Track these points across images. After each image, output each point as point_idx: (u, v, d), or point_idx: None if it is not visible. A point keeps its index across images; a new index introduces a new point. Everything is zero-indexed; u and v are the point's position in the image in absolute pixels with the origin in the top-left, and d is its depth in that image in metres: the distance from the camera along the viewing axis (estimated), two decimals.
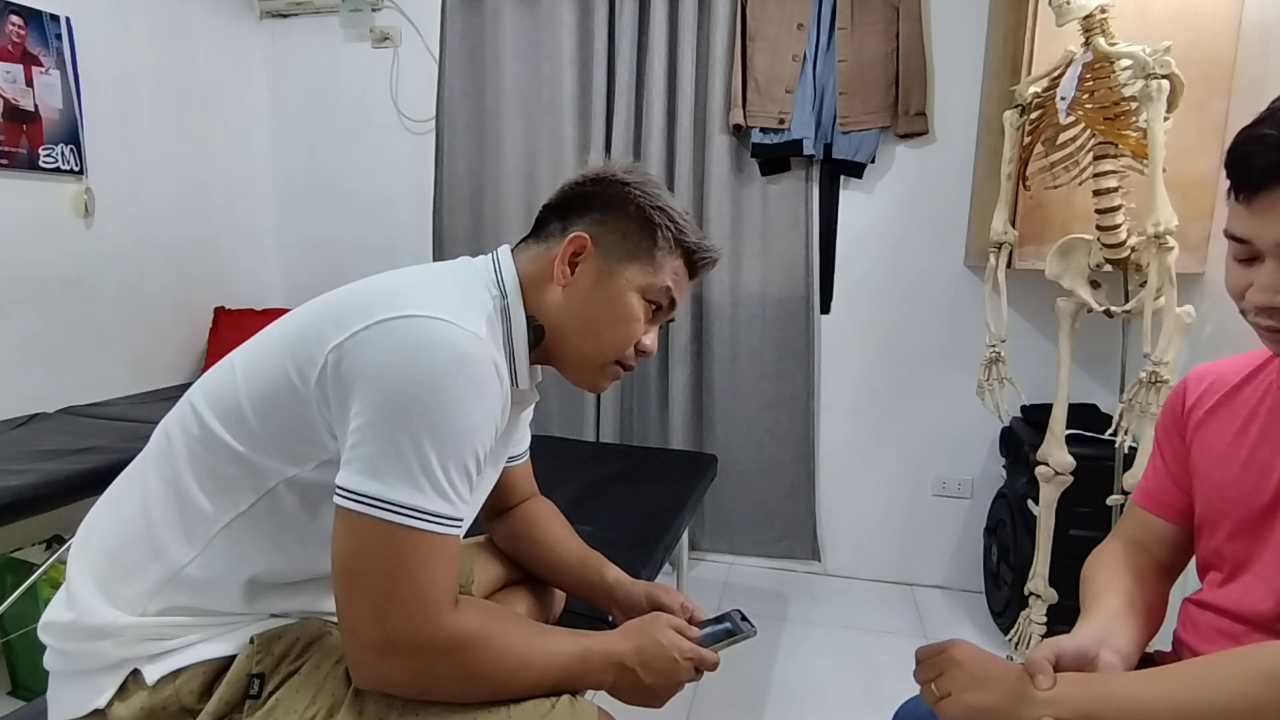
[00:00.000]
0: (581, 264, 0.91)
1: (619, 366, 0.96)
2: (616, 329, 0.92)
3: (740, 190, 2.55)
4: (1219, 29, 1.84)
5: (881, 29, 2.36)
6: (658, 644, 0.89)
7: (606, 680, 0.87)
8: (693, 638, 0.93)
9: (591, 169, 0.97)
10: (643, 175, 0.95)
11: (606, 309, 0.92)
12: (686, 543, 2.50)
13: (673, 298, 0.95)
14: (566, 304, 0.91)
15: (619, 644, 0.88)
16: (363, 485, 0.73)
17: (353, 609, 0.75)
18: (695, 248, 0.95)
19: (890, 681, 2.03)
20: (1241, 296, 0.76)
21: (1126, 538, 0.99)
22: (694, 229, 0.95)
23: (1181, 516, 0.94)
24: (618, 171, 0.95)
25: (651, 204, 0.92)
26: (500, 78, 2.63)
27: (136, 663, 0.81)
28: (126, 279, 2.47)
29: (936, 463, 2.58)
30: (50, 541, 1.90)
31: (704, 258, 0.96)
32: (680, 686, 0.91)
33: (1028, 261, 2.00)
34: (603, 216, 0.92)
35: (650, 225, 0.92)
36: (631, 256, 0.92)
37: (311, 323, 0.81)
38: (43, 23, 2.18)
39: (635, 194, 0.92)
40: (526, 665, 0.81)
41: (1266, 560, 0.80)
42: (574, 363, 0.95)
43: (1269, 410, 0.84)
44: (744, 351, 2.60)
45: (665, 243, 0.92)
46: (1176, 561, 0.96)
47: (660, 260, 0.93)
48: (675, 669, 0.89)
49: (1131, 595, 0.90)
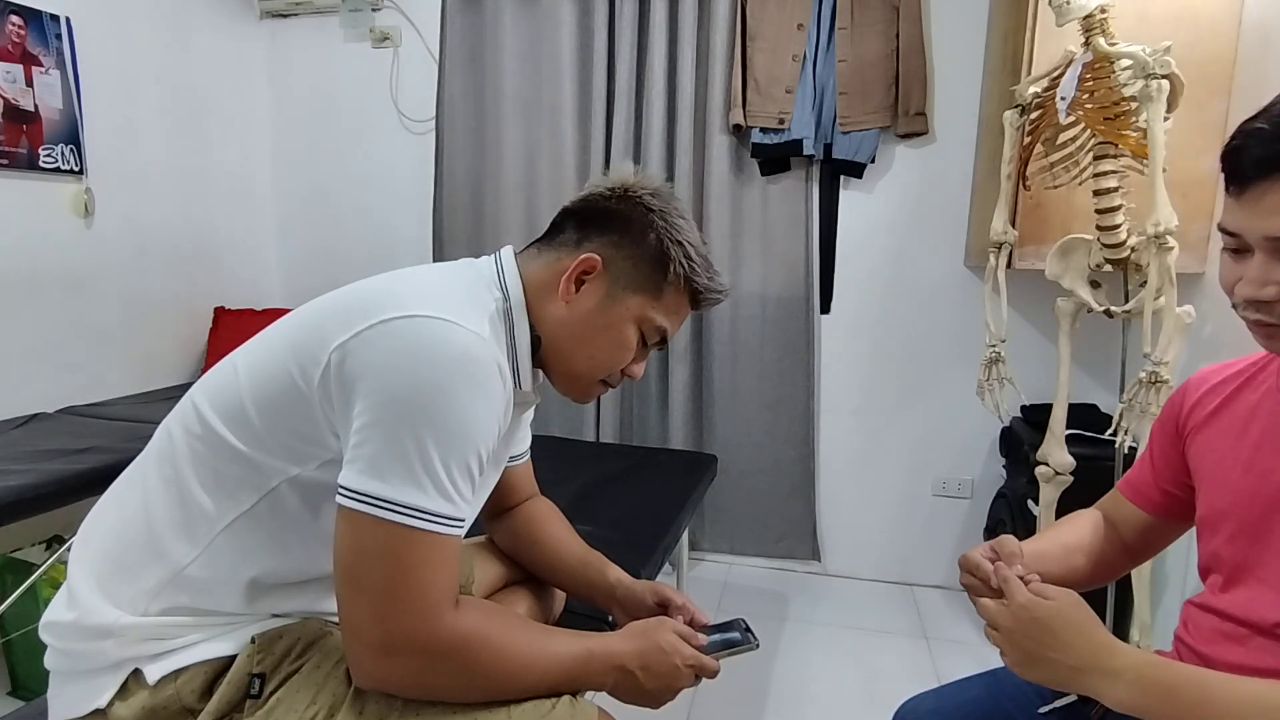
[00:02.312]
0: (589, 283, 0.90)
1: (605, 384, 0.97)
2: (609, 354, 0.93)
3: (740, 190, 2.55)
4: (1219, 29, 1.84)
5: (881, 29, 2.36)
6: (660, 649, 0.89)
7: (607, 682, 0.87)
8: (698, 645, 0.92)
9: (619, 179, 0.94)
10: (668, 200, 0.93)
11: (603, 334, 0.91)
12: (686, 543, 2.50)
13: (665, 335, 0.94)
14: (566, 320, 0.91)
15: (621, 646, 0.88)
16: (365, 485, 0.73)
17: (354, 608, 0.75)
18: (703, 289, 0.93)
19: (890, 681, 2.03)
20: (1232, 290, 0.76)
21: (1104, 509, 1.05)
22: (706, 267, 0.93)
23: (1155, 507, 0.97)
24: (644, 193, 0.92)
25: (672, 238, 0.90)
26: (500, 78, 2.63)
27: (137, 662, 0.81)
28: (126, 279, 2.47)
29: (936, 463, 2.58)
30: (50, 541, 1.90)
31: (710, 298, 0.95)
32: (678, 692, 0.91)
33: (1028, 261, 2.00)
34: (620, 240, 0.91)
35: (664, 260, 0.90)
36: (639, 287, 0.91)
37: (314, 322, 0.81)
38: (43, 23, 2.18)
39: (658, 223, 0.90)
40: (528, 666, 0.81)
41: (1270, 565, 0.80)
42: (562, 375, 0.96)
43: (1269, 413, 0.83)
44: (744, 351, 2.60)
45: (675, 279, 0.91)
46: (1140, 547, 1.01)
47: (666, 295, 0.92)
48: (676, 675, 0.89)
49: (1088, 543, 1.00)
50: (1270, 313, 0.73)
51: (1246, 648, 0.81)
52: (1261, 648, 0.79)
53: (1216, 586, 0.87)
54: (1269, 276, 0.72)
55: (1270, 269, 0.72)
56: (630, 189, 0.93)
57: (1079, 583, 0.96)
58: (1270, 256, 0.72)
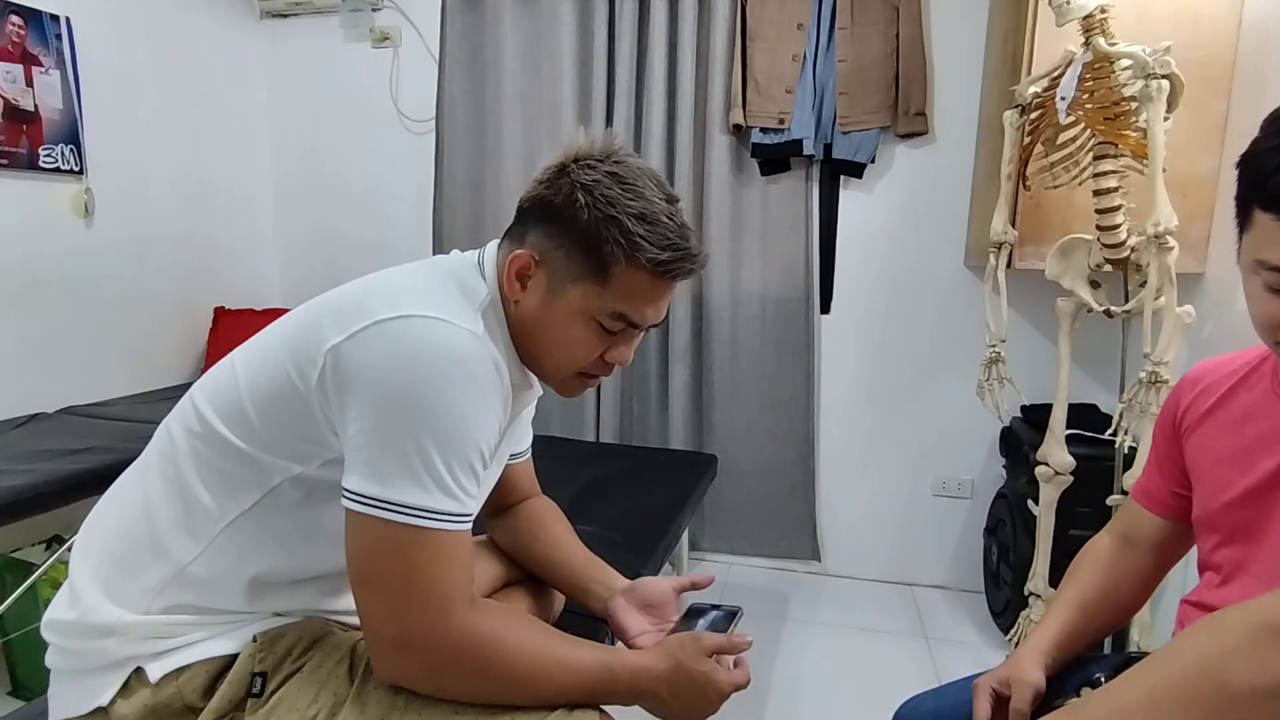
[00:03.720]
0: (530, 280, 0.85)
1: (586, 376, 0.91)
2: (565, 351, 0.87)
3: (740, 190, 2.55)
4: (1219, 29, 1.84)
5: (881, 29, 2.36)
6: (691, 679, 0.83)
7: (631, 702, 0.85)
8: (711, 644, 0.87)
9: (559, 156, 0.86)
10: (608, 170, 0.83)
11: (552, 331, 0.86)
12: (686, 543, 2.50)
13: (631, 319, 0.85)
14: (519, 319, 0.87)
15: (651, 666, 0.84)
16: (367, 488, 0.73)
17: (370, 606, 0.76)
18: (658, 263, 0.82)
19: (890, 681, 2.03)
20: (1278, 327, 0.72)
21: (1118, 533, 1.02)
22: (658, 237, 0.81)
23: (1171, 512, 0.96)
24: (577, 167, 0.83)
25: (602, 214, 0.81)
26: (500, 78, 2.63)
27: (139, 661, 0.81)
28: (126, 279, 2.47)
29: (936, 463, 2.58)
30: (50, 541, 1.90)
31: (675, 269, 0.83)
32: (711, 708, 0.86)
33: (1028, 261, 2.00)
34: (551, 230, 0.84)
35: (598, 242, 0.81)
36: (578, 276, 0.83)
37: (311, 322, 0.81)
38: (43, 23, 2.18)
39: (585, 200, 0.81)
40: (545, 675, 0.80)
41: (1264, 562, 0.80)
42: (536, 371, 0.93)
43: (1264, 413, 0.83)
44: (744, 351, 2.60)
45: (617, 260, 0.81)
46: (1165, 557, 0.99)
47: (614, 279, 0.82)
48: (706, 704, 0.84)
49: (1101, 592, 0.97)
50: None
51: None
52: None
53: (1212, 584, 0.87)
54: None
55: None
56: (565, 164, 0.84)
57: (1116, 622, 0.99)
58: None
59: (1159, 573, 0.99)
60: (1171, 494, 0.95)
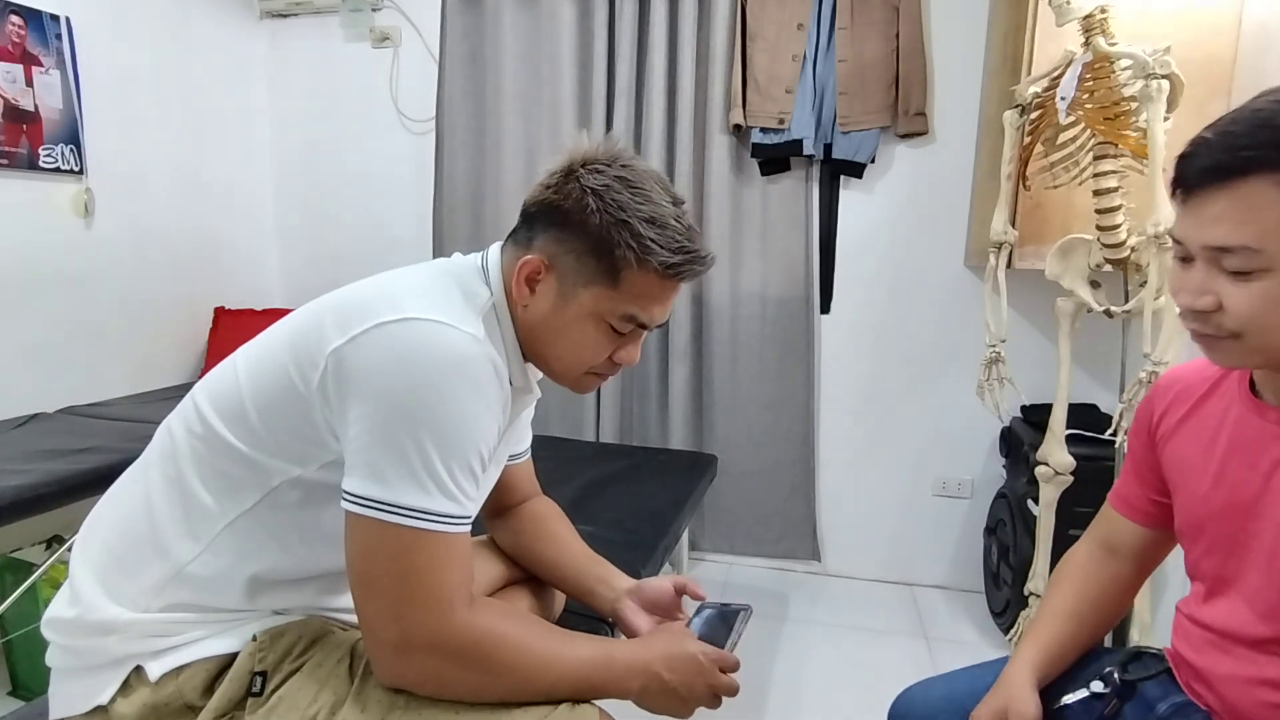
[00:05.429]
0: (540, 284, 0.86)
1: (595, 374, 0.93)
2: (575, 353, 0.88)
3: (740, 190, 2.55)
4: (1219, 29, 1.84)
5: (881, 29, 2.36)
6: (686, 651, 0.86)
7: (633, 687, 0.84)
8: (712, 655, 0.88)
9: (565, 160, 0.86)
10: (616, 175, 0.83)
11: (564, 334, 0.87)
12: (686, 543, 2.50)
13: (640, 320, 0.87)
14: (527, 322, 0.88)
15: (646, 648, 0.86)
16: (367, 490, 0.73)
17: (370, 609, 0.76)
18: (669, 265, 0.83)
19: (890, 681, 2.03)
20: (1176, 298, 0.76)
21: (1098, 540, 1.01)
22: (668, 240, 0.82)
23: (1151, 520, 0.95)
24: (585, 171, 0.83)
25: (613, 219, 0.81)
26: (500, 78, 2.63)
27: (139, 659, 0.81)
28: (126, 279, 2.47)
29: (936, 463, 2.58)
30: (50, 541, 1.90)
31: (684, 271, 0.85)
32: (710, 692, 0.87)
33: (1028, 261, 2.00)
34: (561, 234, 0.84)
35: (609, 246, 0.82)
36: (589, 280, 0.84)
37: (312, 325, 0.81)
38: (43, 23, 2.18)
39: (595, 205, 0.82)
40: (546, 668, 0.80)
41: (1248, 580, 0.80)
42: (545, 370, 0.94)
43: (1234, 421, 0.83)
44: (744, 351, 2.60)
45: (628, 264, 0.82)
46: (1146, 563, 0.99)
47: (626, 281, 0.83)
48: (701, 677, 0.86)
49: (1086, 601, 0.97)
50: (1206, 323, 0.73)
51: (1233, 657, 0.82)
52: (1246, 658, 0.80)
53: (1200, 596, 0.88)
54: (1206, 286, 0.72)
55: (1208, 279, 0.71)
56: (572, 168, 0.85)
57: (1104, 629, 0.98)
58: (1209, 266, 0.71)
59: (1140, 578, 1.00)
60: (1151, 502, 0.95)
